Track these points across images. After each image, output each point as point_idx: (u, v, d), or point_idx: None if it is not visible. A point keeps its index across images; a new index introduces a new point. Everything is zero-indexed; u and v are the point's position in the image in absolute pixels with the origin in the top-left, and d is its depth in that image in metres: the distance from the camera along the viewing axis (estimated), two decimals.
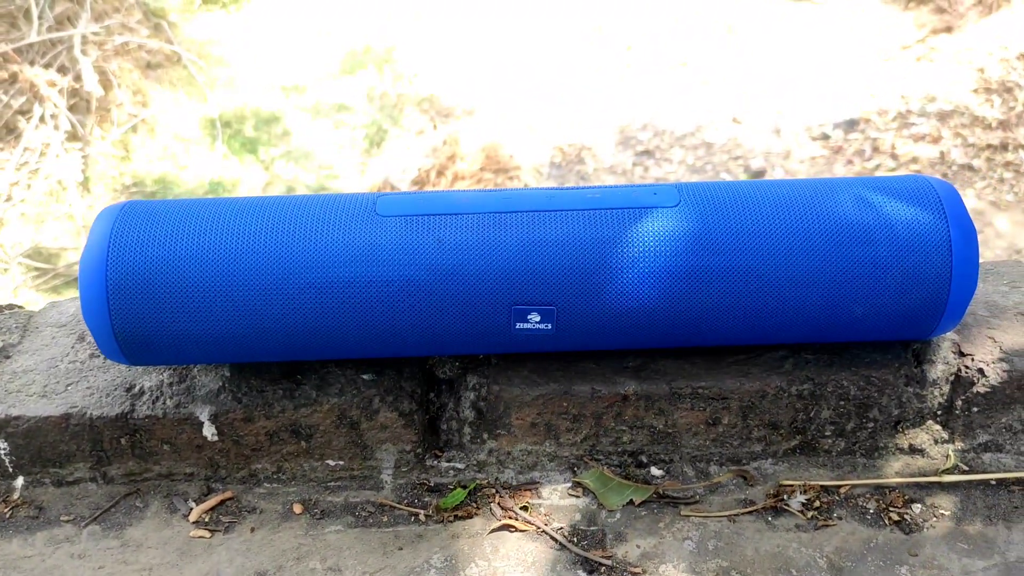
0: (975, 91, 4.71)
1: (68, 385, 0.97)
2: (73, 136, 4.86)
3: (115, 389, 0.97)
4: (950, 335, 0.97)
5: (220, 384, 0.96)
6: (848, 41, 5.32)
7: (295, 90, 5.44)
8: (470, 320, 0.88)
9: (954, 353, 0.96)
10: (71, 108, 4.90)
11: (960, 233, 0.87)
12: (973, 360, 0.95)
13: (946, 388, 0.96)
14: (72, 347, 1.02)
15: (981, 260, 0.94)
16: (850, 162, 4.36)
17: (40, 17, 5.17)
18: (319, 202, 0.90)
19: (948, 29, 5.15)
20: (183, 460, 0.98)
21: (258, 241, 0.87)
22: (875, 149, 4.42)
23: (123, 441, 0.96)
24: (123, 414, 0.95)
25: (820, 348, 0.97)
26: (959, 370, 0.95)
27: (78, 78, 4.94)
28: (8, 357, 1.01)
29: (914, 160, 4.29)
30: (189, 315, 0.86)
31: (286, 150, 5.01)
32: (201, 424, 0.95)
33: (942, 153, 4.32)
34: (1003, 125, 4.46)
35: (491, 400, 0.95)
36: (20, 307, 1.10)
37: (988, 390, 0.95)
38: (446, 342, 0.90)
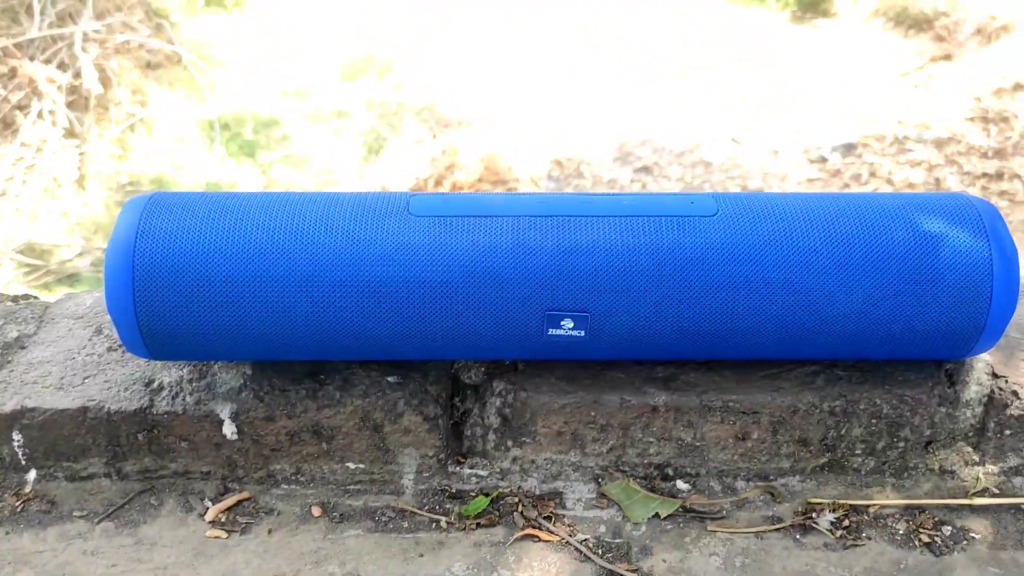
0: (971, 119, 4.74)
1: (86, 378, 0.95)
2: (70, 133, 4.83)
3: (134, 383, 0.94)
4: (984, 356, 0.96)
5: (241, 382, 0.94)
6: (847, 66, 5.35)
7: (295, 95, 5.43)
8: (502, 324, 0.86)
9: (988, 375, 0.95)
10: (69, 105, 4.88)
11: (1001, 253, 0.86)
12: (1007, 382, 0.94)
13: (979, 410, 0.95)
14: (89, 339, 1.00)
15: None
16: (847, 185, 4.37)
17: (42, 13, 5.15)
18: (350, 199, 0.89)
19: (947, 57, 5.19)
20: (200, 458, 0.96)
21: (288, 236, 0.85)
22: (872, 173, 4.44)
23: (140, 437, 0.94)
24: (141, 409, 0.93)
25: (852, 365, 0.96)
26: (992, 392, 0.94)
27: (78, 75, 4.92)
28: (24, 347, 0.99)
29: (909, 186, 4.32)
30: (216, 309, 0.84)
31: (284, 154, 5.00)
32: (221, 422, 0.93)
33: (938, 180, 4.34)
34: (998, 154, 4.49)
35: (517, 407, 0.94)
36: (35, 297, 1.08)
37: (1022, 413, 0.94)
38: (476, 346, 0.89)
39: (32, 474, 0.97)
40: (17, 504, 0.96)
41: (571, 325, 0.86)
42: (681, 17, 5.75)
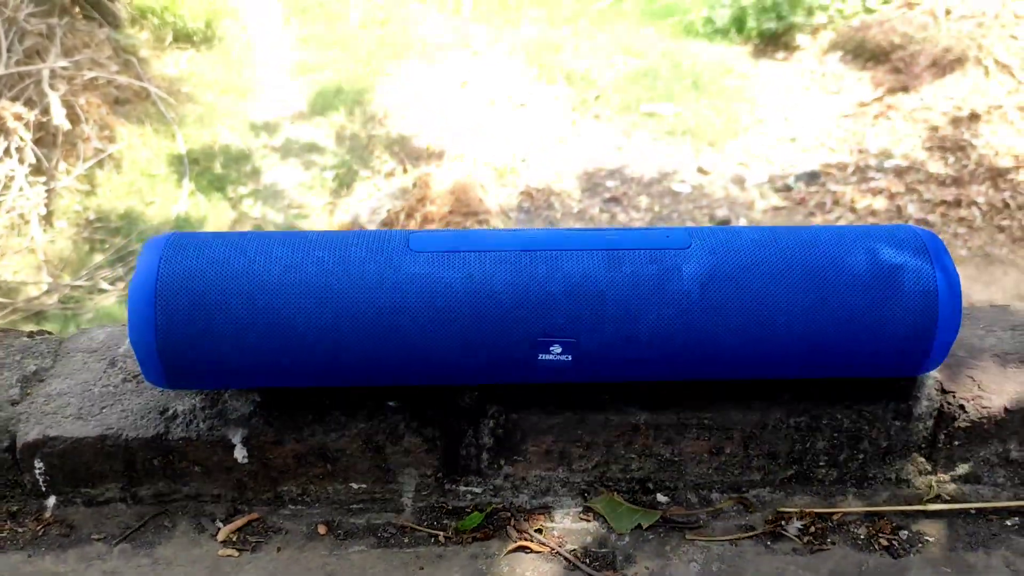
0: (930, 149, 4.88)
1: (103, 408, 1.02)
2: (37, 170, 4.84)
3: (149, 412, 1.01)
4: (934, 374, 1.05)
5: (252, 408, 1.01)
6: (809, 97, 5.49)
7: (265, 129, 5.48)
8: (496, 350, 0.94)
9: (937, 391, 1.04)
10: (37, 142, 4.88)
11: (945, 280, 0.95)
12: (955, 397, 1.03)
13: (930, 423, 1.03)
14: (104, 372, 1.07)
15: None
16: (812, 214, 4.49)
17: (9, 50, 5.17)
18: (354, 237, 0.96)
19: (904, 89, 5.34)
20: (212, 482, 1.02)
21: (298, 272, 0.92)
22: (835, 202, 4.56)
23: (155, 462, 1.00)
24: (157, 436, 0.99)
25: (816, 383, 1.04)
26: (942, 406, 1.03)
27: (46, 112, 4.93)
28: (42, 380, 1.06)
29: (872, 213, 4.44)
30: (230, 341, 0.91)
31: (254, 188, 5.02)
32: (233, 446, 1.00)
33: (899, 207, 4.47)
34: (956, 182, 4.63)
35: (509, 428, 1.01)
36: (50, 333, 1.14)
37: (968, 425, 1.03)
38: (472, 371, 0.96)
39: (52, 500, 1.03)
40: (38, 529, 1.01)
41: (559, 351, 0.94)
42: (642, 51, 5.88)
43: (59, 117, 4.95)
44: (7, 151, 4.75)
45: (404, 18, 6.51)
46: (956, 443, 1.04)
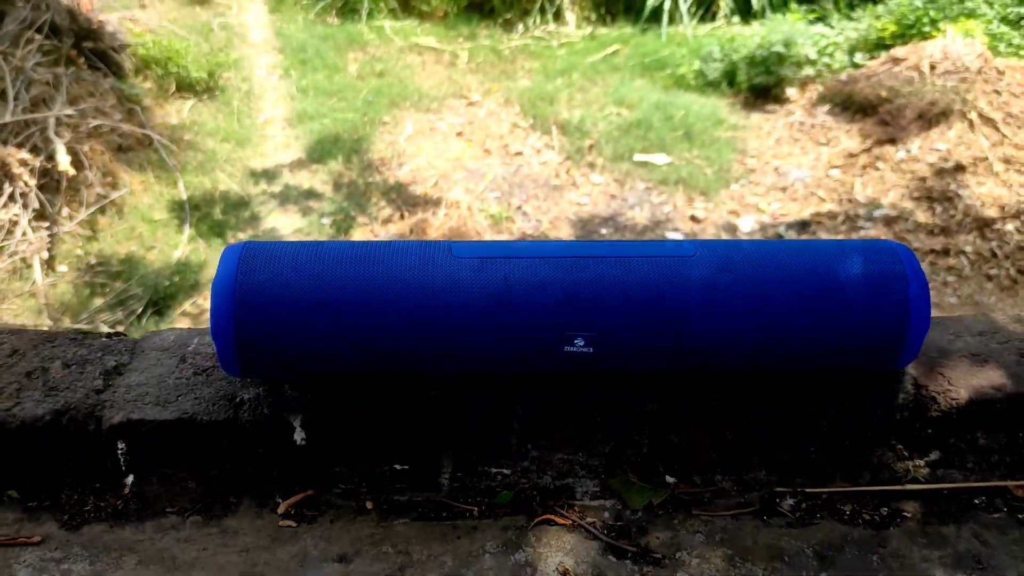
0: (917, 199, 5.05)
1: (178, 396, 1.15)
2: (41, 215, 4.95)
3: (220, 399, 1.14)
4: (910, 370, 1.19)
5: (309, 397, 1.15)
6: (799, 148, 5.69)
7: (264, 176, 5.62)
8: (527, 343, 1.08)
9: (913, 385, 1.18)
10: (41, 187, 5.01)
11: (916, 283, 1.10)
12: (928, 391, 1.18)
13: (907, 414, 1.17)
14: (176, 367, 1.20)
15: (932, 317, 1.17)
16: None
17: (16, 98, 5.32)
18: (404, 245, 1.11)
19: (892, 141, 5.52)
20: (273, 462, 1.15)
21: (357, 274, 1.06)
22: None
23: (224, 443, 1.13)
24: (228, 419, 1.13)
25: (808, 377, 1.18)
26: (916, 399, 1.17)
27: (51, 158, 5.06)
28: (121, 374, 1.19)
29: None
30: (298, 335, 1.05)
31: (253, 234, 5.13)
32: (293, 429, 1.13)
33: None
34: (944, 231, 4.79)
35: (536, 416, 1.15)
36: (125, 335, 1.28)
37: (939, 415, 1.17)
38: (505, 362, 1.10)
39: (130, 478, 1.15)
40: (118, 503, 1.14)
41: (582, 343, 1.08)
42: (635, 102, 6.08)
43: (64, 163, 5.07)
44: (12, 196, 4.87)
45: (401, 69, 6.71)
46: (929, 431, 1.18)
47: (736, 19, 7.16)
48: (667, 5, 7.07)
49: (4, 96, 5.27)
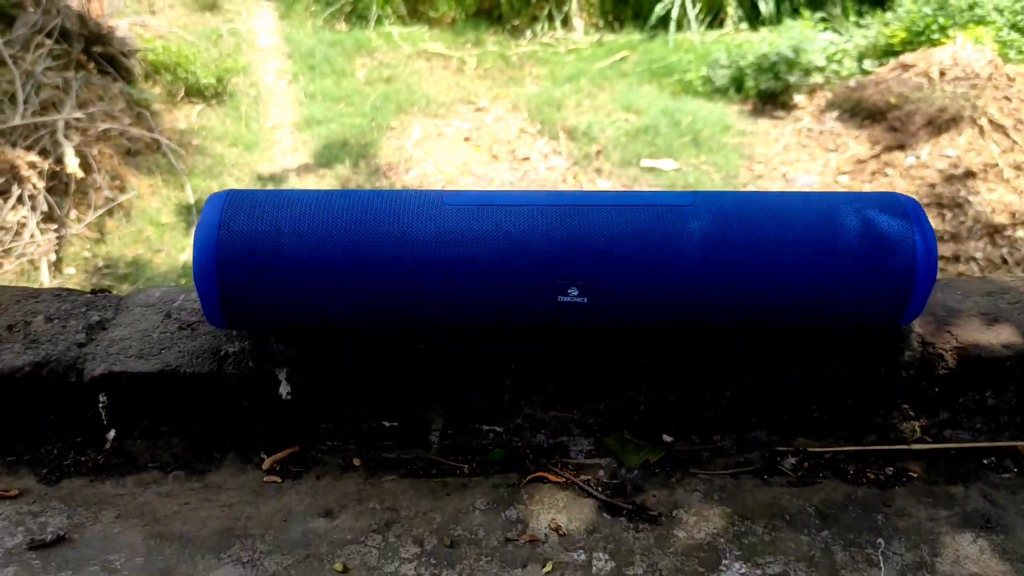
0: (927, 205, 5.00)
1: (162, 349, 1.12)
2: (49, 217, 4.94)
3: (203, 353, 1.11)
4: (917, 328, 1.15)
5: (296, 350, 1.11)
6: (807, 154, 5.65)
7: (271, 180, 5.61)
8: (520, 292, 1.04)
9: (919, 343, 1.14)
10: (50, 190, 5.00)
11: (922, 235, 1.06)
12: (934, 348, 1.14)
13: (912, 372, 1.14)
14: (161, 322, 1.17)
15: (939, 279, 1.14)
16: None
17: (26, 102, 5.33)
18: (394, 195, 1.07)
19: (901, 147, 5.48)
20: (258, 417, 1.12)
21: (344, 223, 1.03)
22: None
23: (208, 397, 1.10)
24: (211, 372, 1.09)
25: (810, 335, 1.14)
26: (923, 357, 1.14)
27: (59, 161, 5.06)
28: (105, 329, 1.16)
29: None
30: (283, 283, 1.02)
31: None
32: (278, 383, 1.10)
33: None
34: (954, 237, 4.73)
35: (529, 371, 1.12)
36: (111, 292, 1.25)
37: (947, 373, 1.13)
38: (498, 312, 1.07)
39: (112, 433, 1.12)
40: (99, 458, 1.11)
41: (576, 293, 1.04)
42: (642, 108, 6.06)
43: (72, 166, 5.08)
44: (20, 198, 4.86)
45: (409, 75, 6.71)
46: (936, 390, 1.14)
47: (744, 26, 7.14)
48: (675, 12, 7.05)
49: (14, 99, 5.28)
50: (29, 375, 1.09)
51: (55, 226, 5.01)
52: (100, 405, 1.10)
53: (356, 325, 1.09)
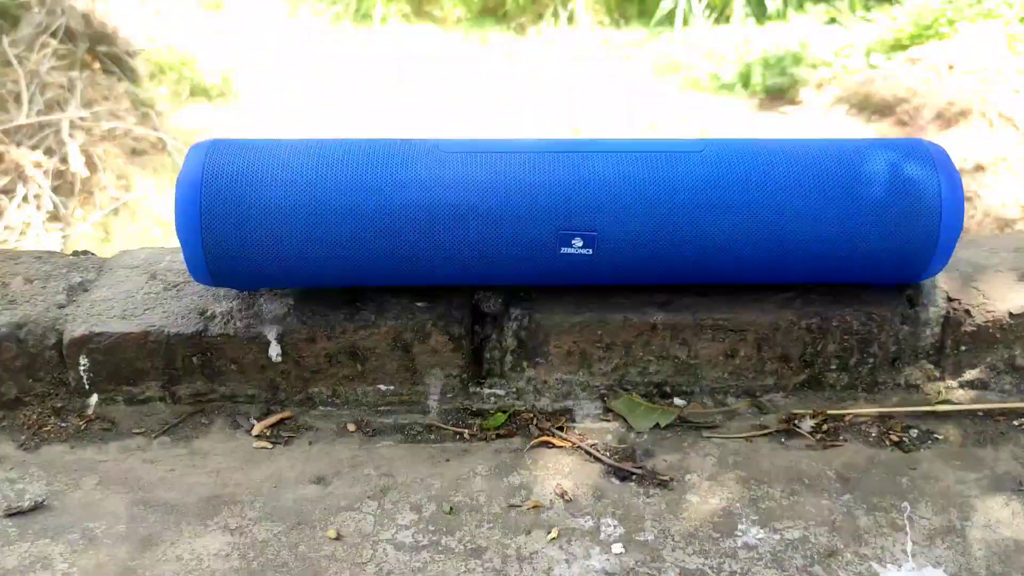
0: None
1: (146, 310, 1.07)
2: (55, 216, 4.91)
3: (190, 313, 1.06)
4: (940, 283, 1.09)
5: (286, 309, 1.06)
6: None
7: None
8: (521, 244, 0.99)
9: (944, 299, 1.08)
10: (55, 189, 4.97)
11: (948, 180, 1.00)
12: (961, 303, 1.08)
13: (937, 329, 1.08)
14: (146, 283, 1.12)
15: (963, 235, 1.08)
16: None
17: (30, 101, 5.30)
18: (387, 143, 1.02)
19: None
20: (247, 381, 1.06)
21: (333, 170, 0.98)
22: None
23: (194, 360, 1.05)
24: (197, 332, 1.04)
25: (826, 289, 1.09)
26: (948, 312, 1.08)
27: (64, 160, 5.03)
28: (87, 291, 1.11)
29: None
30: (270, 233, 0.97)
31: None
32: (268, 344, 1.04)
33: None
34: (965, 231, 4.68)
35: (532, 328, 1.06)
36: (93, 254, 1.20)
37: (974, 329, 1.07)
38: (497, 267, 1.01)
39: (94, 398, 1.07)
40: (81, 424, 1.06)
41: (580, 244, 0.99)
42: (649, 104, 6.01)
43: (77, 165, 5.04)
44: (25, 198, 4.83)
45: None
46: (963, 348, 1.08)
47: (751, 21, 7.07)
48: (681, 8, 6.99)
49: (19, 99, 5.25)
50: (6, 336, 1.03)
51: (60, 225, 4.98)
52: (81, 368, 1.04)
53: (349, 280, 1.03)
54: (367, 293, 1.08)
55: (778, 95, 6.24)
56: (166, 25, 7.15)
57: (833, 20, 6.92)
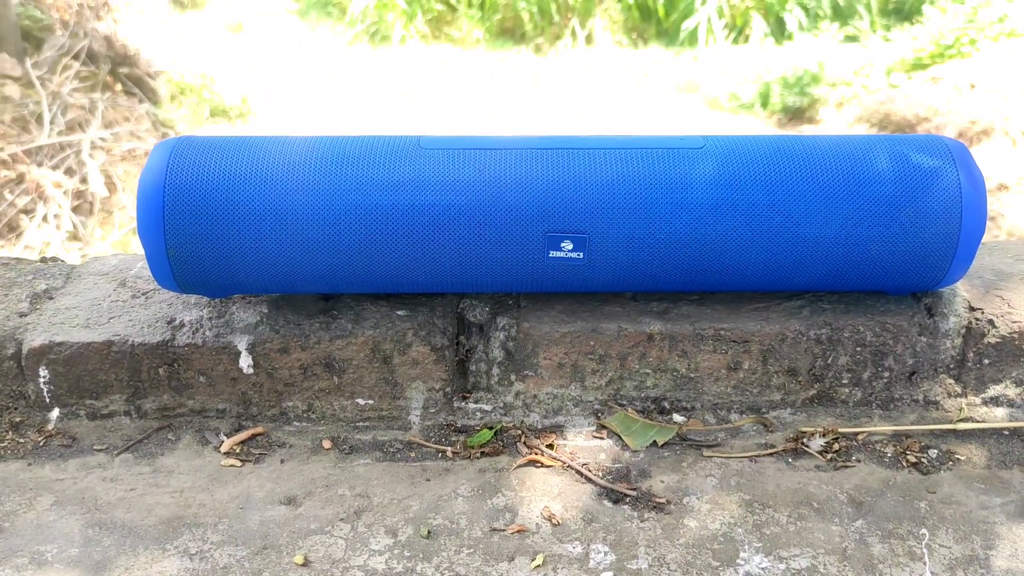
0: None
1: (111, 318, 1.00)
2: (74, 236, 4.90)
3: (157, 321, 1.00)
4: (961, 291, 1.01)
5: (258, 318, 0.99)
6: None
7: None
8: (506, 247, 0.92)
9: (965, 308, 1.00)
10: (75, 209, 4.97)
11: (969, 179, 0.93)
12: (983, 313, 1.00)
13: (958, 341, 1.00)
14: (114, 290, 1.06)
15: (986, 240, 1.00)
16: None
17: (52, 122, 5.31)
18: (365, 140, 0.96)
19: None
20: (217, 395, 1.00)
21: (305, 169, 0.92)
22: None
23: (161, 371, 0.98)
24: (164, 342, 0.98)
25: (837, 298, 1.01)
26: (970, 323, 1.00)
27: (84, 180, 5.03)
28: (52, 298, 1.05)
29: None
30: (238, 236, 0.90)
31: None
32: (238, 354, 0.98)
33: None
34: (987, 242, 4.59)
35: (520, 339, 0.99)
36: (62, 260, 1.14)
37: (998, 341, 0.99)
38: (482, 273, 0.94)
39: (55, 412, 1.01)
40: (40, 440, 0.99)
41: (570, 247, 0.92)
42: (669, 121, 5.95)
43: (97, 185, 5.04)
44: (45, 217, 4.83)
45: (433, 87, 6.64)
46: (986, 362, 1.00)
47: (769, 41, 7.00)
48: (700, 28, 6.94)
49: (40, 120, 5.26)
50: None
51: (80, 245, 4.97)
52: (41, 380, 0.98)
53: (324, 286, 0.96)
54: (344, 300, 1.01)
55: (797, 114, 6.18)
56: (187, 47, 7.17)
57: (850, 39, 6.86)
